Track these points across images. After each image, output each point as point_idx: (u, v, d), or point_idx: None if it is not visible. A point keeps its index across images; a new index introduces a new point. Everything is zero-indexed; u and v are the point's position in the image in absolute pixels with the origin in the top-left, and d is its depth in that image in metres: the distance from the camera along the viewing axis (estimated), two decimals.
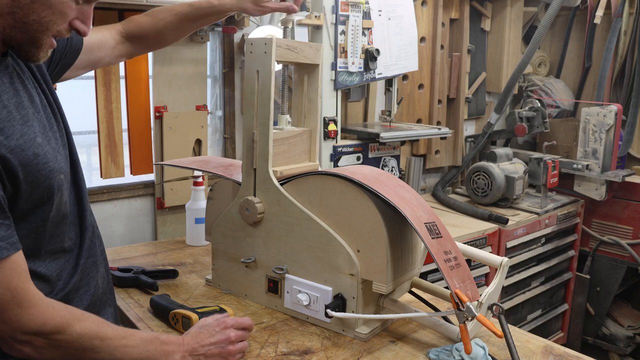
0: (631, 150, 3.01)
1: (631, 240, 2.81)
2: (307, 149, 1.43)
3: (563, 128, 3.06)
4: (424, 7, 2.65)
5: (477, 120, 3.16)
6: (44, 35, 0.90)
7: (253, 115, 1.29)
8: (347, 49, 2.12)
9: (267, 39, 1.24)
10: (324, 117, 2.10)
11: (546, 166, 2.61)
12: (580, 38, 3.25)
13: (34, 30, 0.88)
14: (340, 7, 2.07)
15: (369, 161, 2.26)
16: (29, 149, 0.88)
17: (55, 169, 0.94)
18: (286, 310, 1.33)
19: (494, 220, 2.43)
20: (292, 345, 1.19)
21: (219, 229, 1.42)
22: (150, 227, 2.08)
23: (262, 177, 1.30)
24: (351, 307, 1.21)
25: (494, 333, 1.03)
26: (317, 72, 1.39)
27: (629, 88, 2.93)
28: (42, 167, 0.90)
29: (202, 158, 1.68)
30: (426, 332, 1.26)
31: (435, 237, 1.14)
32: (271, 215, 1.30)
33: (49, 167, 0.92)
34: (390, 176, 1.28)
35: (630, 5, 2.90)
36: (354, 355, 1.15)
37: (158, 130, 2.00)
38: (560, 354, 1.19)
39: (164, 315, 1.25)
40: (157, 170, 2.03)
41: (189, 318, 1.18)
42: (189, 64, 2.03)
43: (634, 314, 3.08)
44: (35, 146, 0.90)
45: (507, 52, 3.05)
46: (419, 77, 2.71)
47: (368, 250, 1.18)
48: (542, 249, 2.69)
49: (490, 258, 1.29)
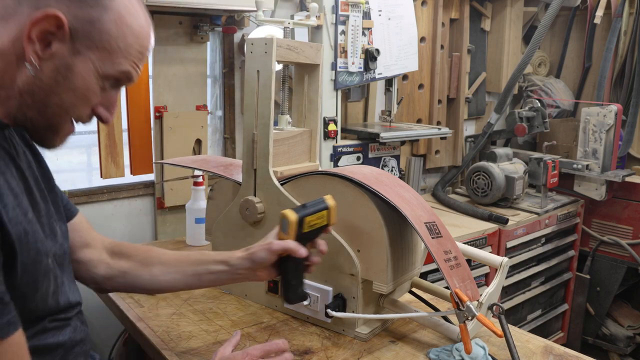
0: (631, 150, 3.00)
1: (631, 240, 2.81)
2: (307, 149, 1.43)
3: (563, 128, 3.06)
4: (424, 7, 2.65)
5: (477, 120, 3.16)
6: (64, 121, 0.83)
7: (253, 115, 1.29)
8: (347, 49, 2.12)
9: (267, 39, 1.24)
10: (324, 117, 2.10)
11: (546, 166, 2.61)
12: (580, 38, 3.25)
13: (53, 113, 0.81)
14: (340, 7, 2.07)
15: (369, 161, 2.26)
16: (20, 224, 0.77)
17: (43, 251, 0.82)
18: (286, 310, 1.33)
19: (494, 220, 2.43)
20: (292, 345, 1.19)
21: (219, 228, 1.42)
22: (150, 227, 2.08)
23: (263, 177, 1.30)
24: (351, 307, 1.22)
25: (494, 333, 1.03)
26: (318, 72, 1.39)
27: (629, 88, 2.93)
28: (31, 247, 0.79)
29: (202, 157, 1.68)
30: (426, 332, 1.26)
31: (435, 237, 1.14)
32: (271, 215, 1.30)
33: (37, 247, 0.81)
34: (391, 176, 1.28)
35: (630, 5, 2.90)
36: (354, 355, 1.15)
37: (158, 130, 2.00)
38: (560, 354, 1.19)
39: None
40: (157, 170, 2.03)
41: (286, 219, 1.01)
42: (189, 64, 2.03)
43: (634, 314, 3.07)
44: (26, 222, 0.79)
45: (507, 52, 3.05)
46: (419, 77, 2.71)
47: (368, 250, 1.18)
48: (542, 249, 2.68)
49: (490, 258, 1.29)
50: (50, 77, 0.78)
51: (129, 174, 1.98)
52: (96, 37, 0.79)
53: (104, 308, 1.50)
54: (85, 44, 0.79)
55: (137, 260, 1.10)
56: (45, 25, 0.75)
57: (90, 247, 1.09)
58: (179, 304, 1.38)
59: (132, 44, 0.82)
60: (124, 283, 1.10)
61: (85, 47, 0.79)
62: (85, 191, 1.91)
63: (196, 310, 1.34)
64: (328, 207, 1.05)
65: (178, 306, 1.36)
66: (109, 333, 1.84)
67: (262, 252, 1.02)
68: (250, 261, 1.04)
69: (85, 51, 0.79)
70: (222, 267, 1.06)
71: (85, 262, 1.08)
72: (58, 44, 0.77)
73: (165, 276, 1.08)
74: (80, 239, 1.07)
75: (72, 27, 0.77)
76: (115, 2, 0.80)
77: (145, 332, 1.23)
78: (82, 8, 0.77)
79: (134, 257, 1.10)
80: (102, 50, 0.80)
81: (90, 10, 0.78)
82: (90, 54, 0.79)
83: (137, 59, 0.84)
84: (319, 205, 1.04)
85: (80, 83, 0.80)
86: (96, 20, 0.78)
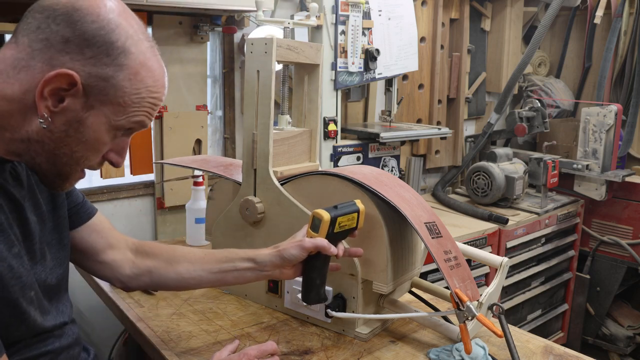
0: (631, 150, 3.00)
1: (631, 240, 2.81)
2: (307, 149, 1.43)
3: (563, 128, 3.06)
4: (424, 7, 2.65)
5: (477, 120, 3.16)
6: (73, 170, 0.83)
7: (253, 115, 1.29)
8: (347, 49, 2.12)
9: (267, 39, 1.24)
10: (324, 117, 2.10)
11: (546, 166, 2.61)
12: (580, 38, 3.25)
13: (62, 163, 0.81)
14: (340, 7, 2.07)
15: (369, 161, 2.26)
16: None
17: (28, 284, 0.82)
18: (286, 310, 1.33)
19: (494, 220, 2.43)
20: (292, 345, 1.19)
21: (219, 228, 1.42)
22: (150, 227, 2.08)
23: (262, 177, 1.30)
24: (351, 307, 1.21)
25: (494, 333, 1.03)
26: (318, 72, 1.39)
27: (629, 88, 2.93)
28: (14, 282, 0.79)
29: (202, 157, 1.68)
30: (426, 332, 1.26)
31: (435, 237, 1.14)
32: (271, 215, 1.30)
33: (22, 282, 0.80)
34: (390, 176, 1.28)
35: (630, 5, 2.90)
36: (354, 355, 1.15)
37: (158, 130, 2.00)
38: (560, 354, 1.19)
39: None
40: (157, 170, 2.03)
41: (319, 218, 1.04)
42: (189, 64, 2.03)
43: (634, 314, 3.07)
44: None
45: (507, 52, 3.05)
46: (419, 77, 2.71)
47: (368, 250, 1.18)
48: (542, 249, 2.68)
49: (490, 258, 1.29)
50: (62, 130, 0.78)
51: (129, 174, 1.98)
52: (110, 93, 0.78)
53: (104, 308, 1.50)
54: (99, 100, 0.78)
55: (162, 259, 1.11)
56: (58, 83, 0.75)
57: (114, 247, 1.10)
58: (179, 304, 1.38)
59: (146, 98, 0.82)
60: (149, 281, 1.11)
61: (99, 102, 0.78)
62: (85, 191, 1.91)
63: (196, 310, 1.34)
64: (358, 210, 1.08)
65: (178, 306, 1.36)
66: (109, 333, 1.84)
67: (294, 249, 1.03)
68: (279, 258, 1.04)
69: (99, 106, 0.79)
70: (248, 264, 1.07)
71: (109, 263, 1.09)
72: (71, 99, 0.77)
73: (191, 274, 1.09)
74: (102, 239, 1.08)
75: (86, 84, 0.76)
76: (130, 59, 0.79)
77: (145, 332, 1.23)
78: (96, 66, 0.77)
79: (159, 255, 1.11)
80: (116, 105, 0.79)
81: (105, 69, 0.77)
82: (104, 109, 0.79)
83: (150, 109, 0.84)
84: (350, 207, 1.08)
85: (92, 136, 0.80)
86: (110, 77, 0.78)
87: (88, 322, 1.92)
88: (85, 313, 1.90)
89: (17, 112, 0.77)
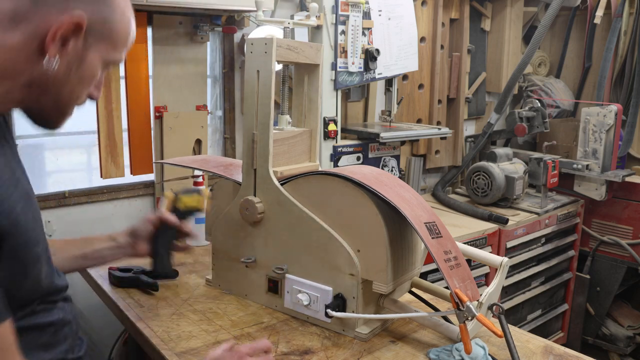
0: (631, 150, 3.00)
1: (631, 240, 2.81)
2: (307, 149, 1.43)
3: (563, 128, 3.06)
4: (424, 7, 2.65)
5: (477, 120, 3.16)
6: (72, 107, 0.89)
7: (253, 115, 1.29)
8: (347, 49, 2.12)
9: (267, 39, 1.24)
10: (324, 117, 2.10)
11: (546, 166, 2.61)
12: (580, 38, 3.25)
13: (65, 102, 0.87)
14: (340, 7, 2.07)
15: (369, 161, 2.26)
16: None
17: (33, 239, 0.84)
18: (286, 310, 1.33)
19: (494, 220, 2.43)
20: (292, 345, 1.19)
21: (219, 228, 1.42)
22: None
23: (262, 177, 1.30)
24: (351, 307, 1.21)
25: (494, 333, 1.03)
26: (318, 72, 1.39)
27: (629, 88, 2.93)
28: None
29: (202, 157, 1.68)
30: (426, 332, 1.26)
31: (435, 237, 1.14)
32: (271, 215, 1.30)
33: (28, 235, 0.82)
34: (390, 176, 1.28)
35: (630, 5, 2.90)
36: (354, 355, 1.15)
37: (158, 130, 2.00)
38: (560, 354, 1.19)
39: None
40: (157, 170, 2.03)
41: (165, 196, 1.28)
42: (189, 64, 2.03)
43: (634, 314, 3.08)
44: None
45: (507, 52, 3.05)
46: (419, 77, 2.71)
47: (368, 250, 1.18)
48: (542, 249, 2.68)
49: (490, 258, 1.29)
50: (64, 70, 0.83)
51: (129, 174, 1.98)
52: (106, 32, 0.85)
53: (104, 308, 1.50)
54: (96, 38, 0.84)
55: None
56: (69, 26, 0.80)
57: None
58: (179, 304, 1.38)
59: (129, 35, 0.91)
60: None
61: (96, 40, 0.85)
62: (85, 191, 1.91)
63: (196, 310, 1.34)
64: (200, 191, 1.30)
65: (178, 306, 1.36)
66: (109, 333, 1.84)
67: (140, 223, 1.23)
68: (131, 233, 1.22)
69: (96, 44, 0.85)
70: (107, 244, 1.21)
71: None
72: (74, 40, 0.82)
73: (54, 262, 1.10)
74: None
75: (88, 25, 0.82)
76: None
77: (145, 332, 1.23)
78: (97, 7, 0.83)
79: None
80: (109, 42, 0.86)
81: (104, 10, 0.84)
82: (99, 46, 0.85)
83: (129, 44, 0.93)
84: (194, 190, 1.31)
85: (88, 72, 0.86)
86: (108, 16, 0.85)
87: (88, 322, 1.92)
88: (85, 313, 1.90)
89: (17, 63, 0.80)
